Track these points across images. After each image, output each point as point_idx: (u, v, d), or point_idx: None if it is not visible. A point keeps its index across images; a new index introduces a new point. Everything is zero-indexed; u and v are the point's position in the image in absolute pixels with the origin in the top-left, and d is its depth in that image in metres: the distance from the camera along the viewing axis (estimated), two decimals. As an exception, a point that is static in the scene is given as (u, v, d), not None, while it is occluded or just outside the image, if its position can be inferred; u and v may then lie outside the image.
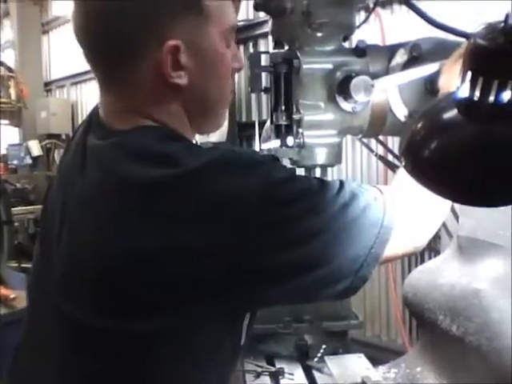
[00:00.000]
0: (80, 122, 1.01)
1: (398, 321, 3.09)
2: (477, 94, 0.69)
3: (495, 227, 1.38)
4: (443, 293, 1.45)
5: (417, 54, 1.26)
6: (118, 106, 0.83)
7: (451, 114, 0.75)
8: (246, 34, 4.21)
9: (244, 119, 4.27)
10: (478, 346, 1.30)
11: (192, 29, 0.79)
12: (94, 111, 0.91)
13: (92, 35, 0.80)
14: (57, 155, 6.74)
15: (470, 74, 0.68)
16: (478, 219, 1.45)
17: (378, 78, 1.24)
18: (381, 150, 2.72)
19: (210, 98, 0.86)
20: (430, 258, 2.93)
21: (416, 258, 3.27)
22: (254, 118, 4.14)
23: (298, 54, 1.25)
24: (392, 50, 1.32)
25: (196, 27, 0.79)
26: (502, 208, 1.35)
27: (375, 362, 1.55)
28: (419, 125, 0.78)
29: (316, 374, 1.38)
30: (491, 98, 0.68)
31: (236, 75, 3.47)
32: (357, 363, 1.42)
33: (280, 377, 1.34)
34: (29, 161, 6.60)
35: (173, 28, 0.77)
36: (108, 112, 0.86)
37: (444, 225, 1.89)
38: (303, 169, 1.43)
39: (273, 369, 1.37)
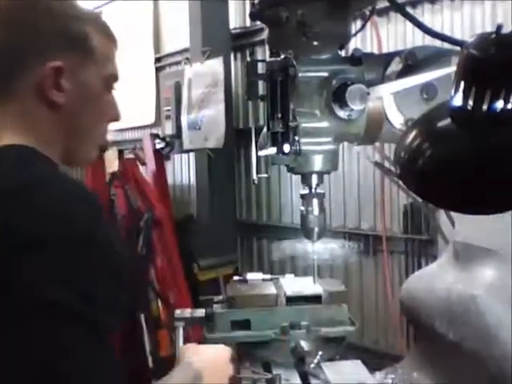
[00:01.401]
0: None
1: (395, 326, 3.09)
2: (470, 103, 0.70)
3: (491, 233, 1.39)
4: (440, 298, 1.46)
5: (412, 63, 1.27)
6: None
7: (445, 122, 0.76)
8: (242, 41, 4.23)
9: (241, 126, 4.29)
10: (475, 351, 1.31)
11: (77, 61, 0.85)
12: None
13: None
14: None
15: (462, 83, 0.69)
16: (473, 225, 1.46)
17: (374, 86, 1.25)
18: (377, 157, 2.74)
19: (82, 130, 0.89)
20: (426, 263, 2.94)
21: (413, 263, 3.28)
22: (251, 124, 4.16)
23: (294, 63, 1.26)
24: (387, 59, 1.33)
25: (81, 61, 0.85)
26: (498, 214, 1.37)
27: (373, 367, 1.55)
28: (413, 133, 0.79)
29: (312, 380, 1.38)
30: (484, 108, 0.69)
31: (233, 82, 3.46)
32: (353, 369, 1.42)
33: (276, 383, 1.34)
34: None
35: (60, 54, 0.83)
36: None
37: (440, 231, 1.90)
38: (300, 175, 1.44)
39: (269, 375, 1.37)
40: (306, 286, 1.57)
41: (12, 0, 0.85)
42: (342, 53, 1.39)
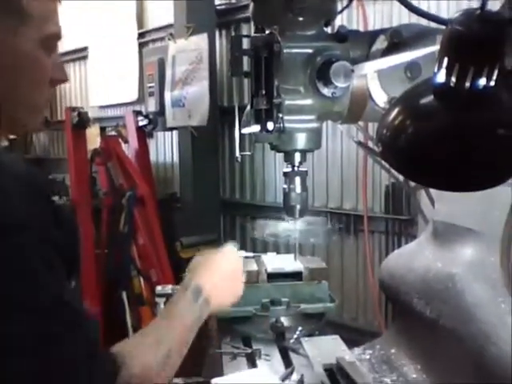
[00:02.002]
0: None
1: (374, 304, 3.14)
2: (453, 79, 0.70)
3: (470, 213, 1.41)
4: (418, 276, 1.48)
5: (397, 41, 1.26)
6: None
7: (428, 99, 0.76)
8: (227, 17, 4.17)
9: (226, 104, 4.25)
10: (452, 329, 1.33)
11: (5, 25, 0.78)
12: None
13: None
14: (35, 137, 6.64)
15: (446, 59, 0.69)
16: (453, 205, 1.48)
17: (358, 64, 1.24)
18: (361, 137, 2.74)
19: (18, 98, 0.83)
20: (406, 243, 2.98)
21: (393, 243, 3.32)
22: (235, 102, 4.12)
23: (279, 38, 1.24)
24: (373, 36, 1.32)
25: (10, 25, 0.79)
26: (478, 194, 1.38)
27: (352, 343, 1.58)
28: (395, 110, 0.79)
29: (292, 355, 1.40)
30: (467, 84, 0.69)
31: (217, 59, 3.43)
32: (332, 345, 1.44)
33: (256, 358, 1.36)
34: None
35: None
36: None
37: (421, 210, 1.92)
38: (283, 154, 1.44)
39: (249, 350, 1.38)
40: (287, 263, 1.58)
41: None
42: (328, 30, 1.37)
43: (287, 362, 1.37)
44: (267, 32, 1.33)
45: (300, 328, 1.47)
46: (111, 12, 5.05)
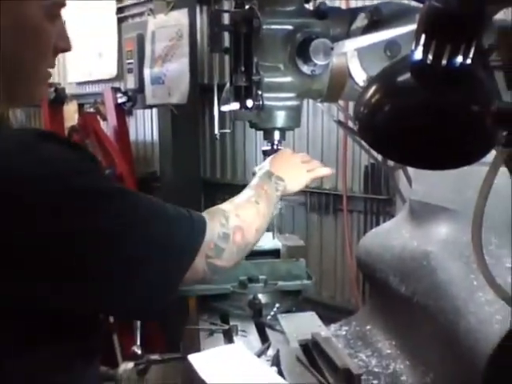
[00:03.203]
0: None
1: (352, 282, 3.19)
2: (430, 57, 0.69)
3: (446, 192, 1.42)
4: (394, 254, 1.50)
5: (377, 18, 1.26)
6: None
7: (404, 77, 0.76)
8: (209, -8, 4.10)
9: (206, 81, 4.20)
10: (425, 305, 1.36)
11: None
12: None
13: None
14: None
15: (423, 36, 0.69)
16: (430, 184, 1.50)
17: (338, 42, 1.24)
18: (342, 116, 2.74)
19: (21, 67, 0.82)
20: (385, 222, 3.01)
21: (372, 222, 3.35)
22: (215, 79, 4.08)
23: (258, 14, 1.23)
24: (353, 14, 1.31)
25: None
26: (454, 173, 1.40)
27: (330, 321, 1.60)
28: (373, 88, 0.79)
29: (269, 331, 1.42)
30: (444, 62, 0.69)
31: (198, 35, 3.36)
32: (309, 321, 1.46)
33: (233, 334, 1.37)
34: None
35: None
36: None
37: (398, 190, 1.94)
38: (262, 131, 1.43)
39: (226, 327, 1.40)
40: (266, 240, 1.59)
41: None
42: (308, 6, 1.36)
43: (264, 338, 1.39)
44: (247, 7, 1.31)
45: (277, 305, 1.49)
46: (89, -15, 4.92)
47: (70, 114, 4.11)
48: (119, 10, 4.82)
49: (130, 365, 2.06)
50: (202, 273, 0.89)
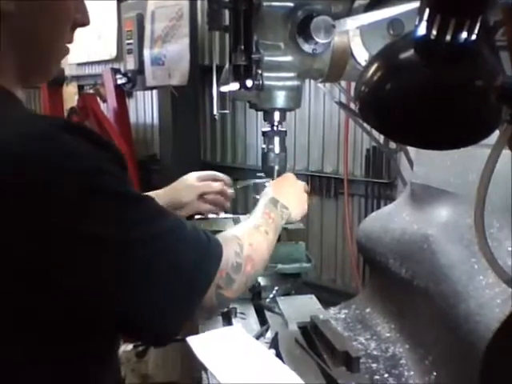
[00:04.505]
0: None
1: (352, 266, 3.19)
2: (434, 32, 0.67)
3: (447, 175, 1.41)
4: (394, 237, 1.49)
5: (380, -4, 1.23)
6: None
7: (408, 54, 0.73)
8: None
9: (207, 62, 4.16)
10: (425, 288, 1.35)
11: None
12: None
13: None
14: None
15: (427, 11, 0.67)
16: (431, 167, 1.48)
17: (340, 19, 1.21)
18: (344, 98, 2.71)
19: (39, 41, 0.78)
20: (386, 205, 3.00)
21: (373, 205, 3.35)
22: (214, 59, 4.04)
23: (259, -10, 1.20)
24: (355, -9, 1.28)
25: None
26: (456, 156, 1.38)
27: (330, 305, 1.60)
28: (375, 65, 0.76)
29: (267, 313, 1.41)
30: (448, 38, 0.67)
31: (199, 15, 3.31)
32: (308, 304, 1.46)
33: (232, 316, 1.37)
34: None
35: None
36: None
37: (400, 173, 1.92)
38: (262, 112, 1.41)
39: (225, 309, 1.39)
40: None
41: None
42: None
43: (262, 321, 1.38)
44: (247, -16, 1.28)
45: (276, 288, 1.48)
46: (88, -36, 4.85)
47: (70, 96, 4.09)
48: (119, -10, 4.77)
49: (129, 347, 2.08)
50: (210, 303, 0.83)
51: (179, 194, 1.48)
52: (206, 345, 1.14)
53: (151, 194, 1.34)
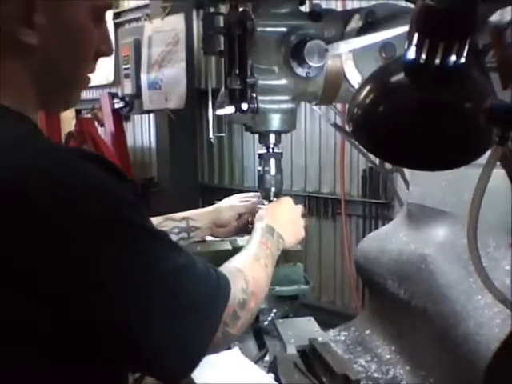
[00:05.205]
0: None
1: (351, 287, 3.17)
2: (423, 56, 0.68)
3: (443, 195, 1.41)
4: (392, 258, 1.49)
5: (372, 20, 1.25)
6: None
7: (399, 77, 0.75)
8: (205, -3, 4.11)
9: (203, 86, 4.20)
10: (424, 309, 1.34)
11: None
12: None
13: None
14: None
15: (416, 36, 0.68)
16: (427, 187, 1.49)
17: (333, 43, 1.23)
18: (339, 120, 2.73)
19: (62, 72, 0.78)
20: (383, 226, 3.00)
21: (370, 226, 3.34)
22: (209, 82, 4.08)
23: (252, 16, 1.22)
24: (348, 15, 1.30)
25: None
26: (451, 175, 1.39)
27: (329, 326, 1.59)
28: (366, 88, 0.78)
29: (266, 337, 1.40)
30: (437, 61, 0.68)
31: (195, 40, 3.36)
32: (306, 326, 1.44)
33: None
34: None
35: None
36: None
37: (396, 193, 1.93)
38: (258, 135, 1.42)
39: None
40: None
41: None
42: (302, 8, 1.35)
43: (261, 344, 1.37)
44: (241, 9, 1.30)
45: (274, 310, 1.47)
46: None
47: (67, 120, 4.11)
48: (116, 15, 4.84)
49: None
50: (216, 340, 0.80)
51: (221, 213, 1.53)
52: (203, 369, 1.13)
53: (196, 212, 1.48)
